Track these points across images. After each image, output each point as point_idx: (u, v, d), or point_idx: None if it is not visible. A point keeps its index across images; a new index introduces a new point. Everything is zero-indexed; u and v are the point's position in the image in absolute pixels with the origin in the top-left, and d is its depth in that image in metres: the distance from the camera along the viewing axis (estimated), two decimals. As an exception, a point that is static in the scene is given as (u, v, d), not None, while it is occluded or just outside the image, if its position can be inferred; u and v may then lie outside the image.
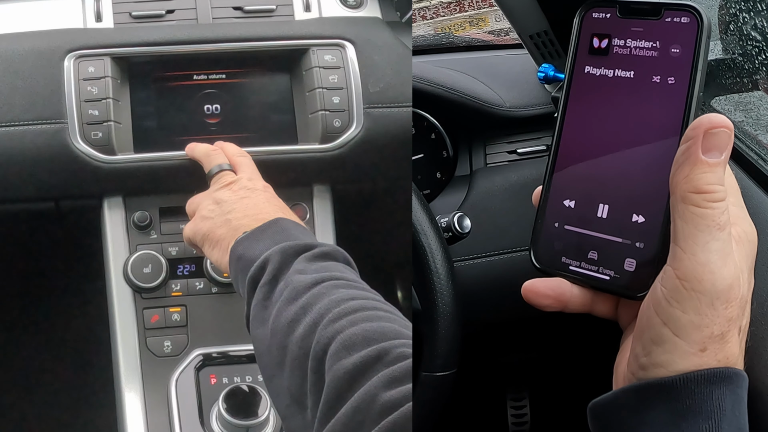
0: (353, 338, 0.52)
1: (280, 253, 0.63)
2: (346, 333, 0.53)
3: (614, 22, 0.48)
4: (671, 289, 0.41)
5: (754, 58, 0.75)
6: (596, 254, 0.47)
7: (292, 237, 0.66)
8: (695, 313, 0.41)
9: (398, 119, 0.92)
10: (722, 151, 0.41)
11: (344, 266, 0.65)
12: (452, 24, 4.80)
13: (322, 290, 0.58)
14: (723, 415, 0.41)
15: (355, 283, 0.61)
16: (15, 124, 0.86)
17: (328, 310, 0.56)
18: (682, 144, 0.42)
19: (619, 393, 0.44)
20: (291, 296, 0.59)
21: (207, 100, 0.92)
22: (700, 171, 0.41)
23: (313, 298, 0.58)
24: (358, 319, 0.54)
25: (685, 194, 0.41)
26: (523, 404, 1.34)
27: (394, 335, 0.52)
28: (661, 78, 0.45)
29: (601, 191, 0.47)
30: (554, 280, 0.48)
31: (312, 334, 0.55)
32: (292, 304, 0.58)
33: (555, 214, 0.49)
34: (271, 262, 0.63)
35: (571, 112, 0.49)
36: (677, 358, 0.41)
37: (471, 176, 1.05)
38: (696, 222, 0.41)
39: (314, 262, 0.63)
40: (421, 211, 0.82)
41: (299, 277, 0.60)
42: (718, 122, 0.41)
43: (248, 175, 0.80)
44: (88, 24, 0.92)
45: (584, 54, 0.48)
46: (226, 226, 0.72)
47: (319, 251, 0.64)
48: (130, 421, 0.85)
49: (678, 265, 0.41)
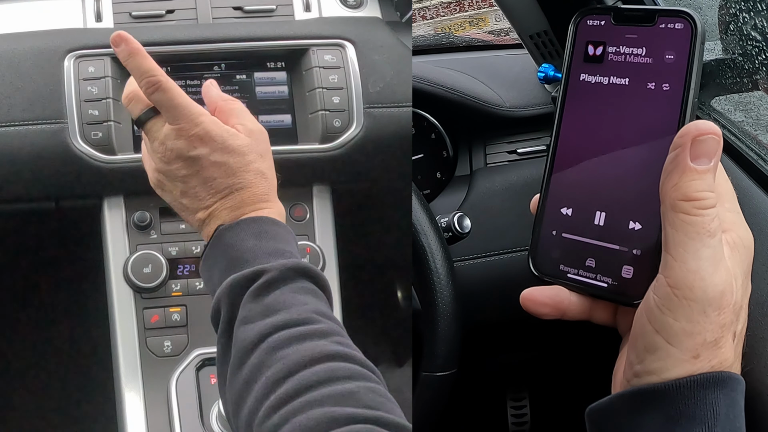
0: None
1: (228, 294, 0.60)
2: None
3: (609, 30, 0.48)
4: (663, 297, 0.41)
5: (754, 58, 0.75)
6: (594, 262, 0.47)
7: (241, 252, 0.62)
8: (687, 320, 0.41)
9: (398, 119, 0.92)
10: (711, 157, 0.41)
11: (292, 291, 0.60)
12: (452, 24, 4.81)
13: (262, 357, 0.56)
14: (717, 419, 0.41)
15: (298, 324, 0.58)
16: (15, 124, 0.86)
17: (265, 396, 0.54)
18: (670, 152, 0.42)
19: (614, 399, 0.45)
20: (237, 362, 0.58)
21: (207, 100, 0.92)
22: (689, 179, 0.41)
23: (254, 370, 0.56)
24: (290, 413, 0.52)
25: (674, 202, 0.41)
26: (523, 404, 1.34)
27: (327, 425, 0.50)
28: (655, 85, 0.46)
29: (597, 199, 0.47)
30: (552, 289, 0.48)
31: (251, 426, 0.54)
32: (239, 374, 0.57)
33: (552, 222, 0.49)
34: (223, 304, 0.61)
35: (567, 120, 0.49)
36: (670, 365, 0.41)
37: (471, 176, 1.05)
38: (686, 230, 0.41)
39: (261, 298, 0.59)
40: (421, 211, 0.82)
41: (244, 333, 0.58)
42: (705, 129, 0.41)
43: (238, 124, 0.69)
44: (88, 24, 0.92)
45: (579, 61, 0.49)
46: (178, 201, 0.67)
47: (265, 280, 0.60)
48: (130, 421, 0.85)
49: (669, 273, 0.41)
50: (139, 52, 0.64)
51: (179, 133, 0.64)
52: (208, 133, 0.64)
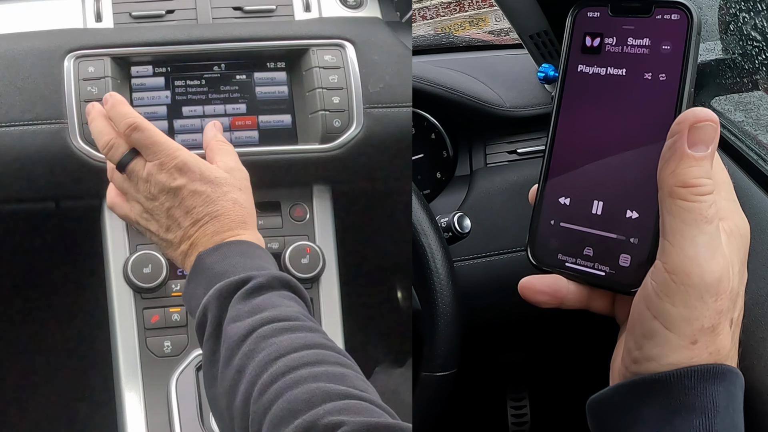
0: (280, 413, 0.52)
1: (217, 299, 0.62)
2: (273, 410, 0.52)
3: (606, 21, 0.48)
4: (661, 283, 0.42)
5: (754, 58, 0.75)
6: (591, 250, 0.47)
7: (226, 268, 0.64)
8: (685, 306, 0.41)
9: (398, 119, 0.92)
10: (708, 144, 0.42)
11: (279, 296, 0.63)
12: (452, 24, 4.81)
13: (253, 345, 0.58)
14: (716, 412, 0.41)
15: (288, 319, 0.60)
16: (15, 124, 0.86)
17: (258, 375, 0.55)
18: (668, 139, 0.43)
19: (613, 390, 0.45)
20: (227, 356, 0.59)
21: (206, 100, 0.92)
22: (687, 165, 0.41)
23: (245, 358, 0.57)
24: (284, 387, 0.53)
25: (672, 189, 0.42)
26: (523, 404, 1.34)
27: (321, 399, 0.51)
28: (652, 75, 0.46)
29: (595, 188, 0.48)
30: (551, 277, 0.48)
31: (247, 408, 0.55)
32: (229, 366, 0.58)
33: (551, 212, 0.49)
34: (210, 309, 0.62)
35: (564, 110, 0.50)
36: (668, 351, 0.42)
37: (471, 176, 1.05)
38: (683, 216, 0.41)
39: (249, 299, 0.61)
40: (421, 211, 0.82)
41: (234, 329, 0.60)
42: (703, 116, 0.42)
43: (219, 162, 0.74)
44: (88, 24, 0.92)
45: (577, 53, 0.49)
46: (156, 232, 0.70)
47: (253, 285, 0.62)
48: (130, 421, 0.85)
49: (667, 259, 0.42)
50: (119, 102, 0.72)
51: (161, 168, 0.68)
52: (186, 164, 0.69)
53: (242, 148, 0.90)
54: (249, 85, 0.93)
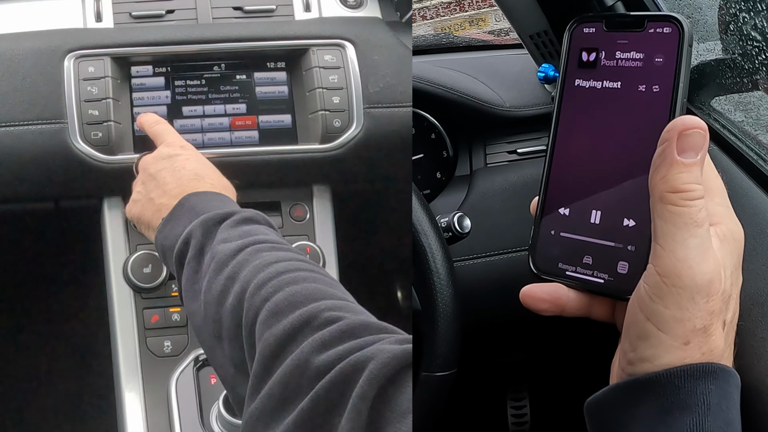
0: (280, 304, 0.53)
1: (201, 226, 0.64)
2: (272, 300, 0.53)
3: (601, 36, 0.50)
4: (653, 286, 0.43)
5: (754, 58, 0.75)
6: (591, 259, 0.48)
7: (210, 208, 0.67)
8: (677, 307, 0.42)
9: (398, 119, 0.93)
10: (697, 151, 0.43)
11: (266, 228, 0.66)
12: (452, 24, 4.81)
13: (246, 256, 0.59)
14: (708, 410, 0.41)
15: (278, 244, 0.62)
16: (15, 124, 0.86)
17: (253, 275, 0.56)
18: (658, 146, 0.44)
19: (609, 390, 0.46)
20: (217, 267, 0.60)
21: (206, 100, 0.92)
22: (677, 171, 0.42)
23: (238, 266, 0.58)
24: (282, 283, 0.54)
25: (662, 194, 0.43)
26: (523, 404, 1.34)
27: (321, 296, 0.53)
28: (646, 87, 0.47)
29: (593, 198, 0.49)
30: (551, 285, 0.49)
31: (241, 304, 0.55)
32: (220, 275, 0.59)
33: (551, 222, 0.51)
34: (194, 236, 0.64)
35: (563, 124, 0.51)
36: (662, 352, 0.42)
37: (471, 176, 1.05)
38: (674, 220, 0.42)
39: (237, 227, 0.64)
40: (421, 211, 0.82)
41: (223, 247, 0.61)
42: (691, 124, 0.43)
43: (167, 140, 0.80)
44: (88, 24, 0.92)
45: (574, 68, 0.51)
46: (151, 208, 0.73)
47: (240, 217, 0.65)
48: (130, 421, 0.85)
49: (658, 263, 0.43)
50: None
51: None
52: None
53: (242, 148, 0.90)
54: (249, 85, 0.93)
